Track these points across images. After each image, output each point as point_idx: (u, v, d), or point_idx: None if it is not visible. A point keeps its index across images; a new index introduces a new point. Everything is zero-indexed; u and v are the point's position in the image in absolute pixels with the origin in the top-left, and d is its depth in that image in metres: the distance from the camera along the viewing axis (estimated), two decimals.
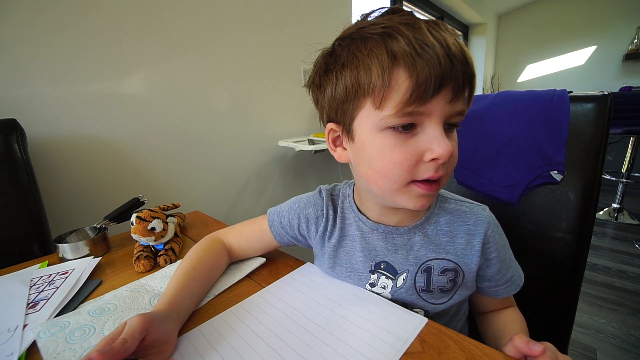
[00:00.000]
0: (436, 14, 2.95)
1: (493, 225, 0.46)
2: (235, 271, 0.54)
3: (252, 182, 1.36)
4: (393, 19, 0.34)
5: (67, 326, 0.39)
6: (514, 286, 0.48)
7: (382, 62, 0.32)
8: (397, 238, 0.46)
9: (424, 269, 0.44)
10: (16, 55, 0.75)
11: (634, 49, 3.16)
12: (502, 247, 0.47)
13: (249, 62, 1.25)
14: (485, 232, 0.44)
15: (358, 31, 0.35)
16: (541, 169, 0.60)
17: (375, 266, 0.46)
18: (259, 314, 0.42)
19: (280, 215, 0.54)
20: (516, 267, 0.49)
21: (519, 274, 0.49)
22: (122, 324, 0.32)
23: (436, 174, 0.36)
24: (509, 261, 0.48)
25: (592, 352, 1.23)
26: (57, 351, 0.35)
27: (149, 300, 0.46)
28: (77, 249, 0.61)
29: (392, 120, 0.34)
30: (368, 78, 0.34)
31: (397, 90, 0.33)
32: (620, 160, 2.53)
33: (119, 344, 0.29)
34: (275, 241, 0.55)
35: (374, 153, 0.37)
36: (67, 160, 0.85)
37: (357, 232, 0.48)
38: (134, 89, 0.96)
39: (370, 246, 0.47)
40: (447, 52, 0.31)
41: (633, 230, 2.26)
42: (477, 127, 0.68)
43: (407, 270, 0.45)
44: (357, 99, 0.36)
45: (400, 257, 0.45)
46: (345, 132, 0.40)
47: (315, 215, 0.51)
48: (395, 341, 0.36)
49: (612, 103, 0.56)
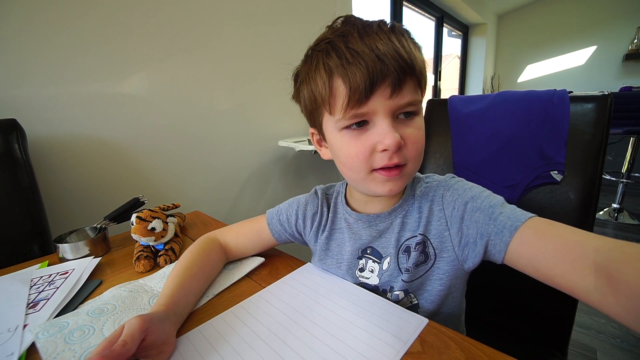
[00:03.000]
0: (436, 14, 2.95)
1: (448, 185, 0.46)
2: (235, 271, 0.54)
3: (252, 182, 1.36)
4: (337, 30, 0.40)
5: (66, 327, 0.39)
6: (515, 216, 0.38)
7: (322, 77, 0.39)
8: (380, 224, 0.48)
9: (404, 250, 0.47)
10: (16, 55, 0.75)
11: (634, 49, 3.16)
12: (472, 198, 0.42)
13: (249, 62, 1.25)
14: (442, 194, 0.46)
15: (312, 48, 0.42)
16: (541, 169, 0.60)
17: (362, 252, 0.50)
18: (259, 314, 0.42)
19: (279, 213, 0.57)
20: (513, 208, 0.40)
21: (520, 212, 0.38)
22: (120, 326, 0.33)
23: (391, 161, 0.40)
24: (498, 206, 0.40)
25: (592, 352, 1.23)
26: (57, 352, 0.35)
27: (148, 301, 0.46)
28: (77, 249, 0.61)
29: (343, 122, 0.40)
30: (317, 91, 0.40)
31: (339, 97, 0.39)
32: (620, 160, 2.53)
33: (119, 346, 0.29)
34: (273, 239, 0.57)
35: (338, 150, 0.43)
36: (67, 160, 0.85)
37: (345, 224, 0.52)
38: (134, 89, 0.96)
39: (356, 235, 0.50)
40: (377, 54, 0.35)
41: (633, 231, 2.26)
42: (477, 127, 0.68)
43: (390, 253, 0.48)
44: (317, 108, 0.43)
45: (384, 241, 0.49)
46: (321, 135, 0.47)
47: (312, 212, 0.55)
48: (395, 341, 0.36)
49: (612, 103, 0.56)
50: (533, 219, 0.37)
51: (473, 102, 0.71)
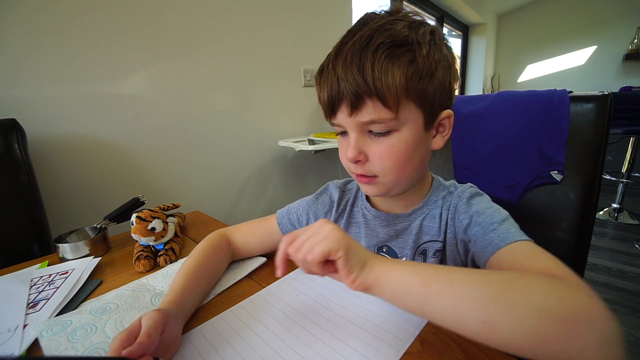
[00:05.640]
0: (436, 14, 2.95)
1: (463, 196, 0.46)
2: (236, 270, 0.54)
3: (252, 182, 1.36)
4: (345, 36, 0.41)
5: (69, 325, 0.40)
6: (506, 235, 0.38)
7: (316, 87, 0.43)
8: (398, 225, 0.49)
9: (420, 252, 0.47)
10: (16, 56, 0.75)
11: (634, 49, 3.16)
12: (477, 212, 0.43)
13: (249, 62, 1.25)
14: (457, 204, 0.46)
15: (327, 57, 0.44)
16: (541, 169, 0.60)
17: (377, 250, 0.50)
18: (260, 314, 0.42)
19: (289, 213, 0.57)
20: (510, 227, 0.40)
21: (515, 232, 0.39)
22: (138, 319, 0.33)
23: (356, 170, 0.43)
24: (496, 223, 0.40)
25: None
26: (60, 350, 0.36)
27: (150, 300, 0.46)
28: (77, 249, 0.61)
29: (333, 128, 0.44)
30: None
31: (323, 108, 0.43)
32: (620, 160, 2.53)
33: (145, 337, 0.30)
34: None
35: None
36: (67, 160, 0.85)
37: (362, 219, 0.52)
38: (134, 89, 0.96)
39: (373, 232, 0.51)
40: (338, 76, 0.38)
41: (633, 231, 2.26)
42: (477, 127, 0.68)
43: (406, 254, 0.48)
44: None
45: (401, 242, 0.49)
46: None
47: (324, 211, 0.55)
48: (395, 341, 0.36)
49: (612, 103, 0.56)
50: (518, 244, 0.36)
51: (473, 102, 0.71)
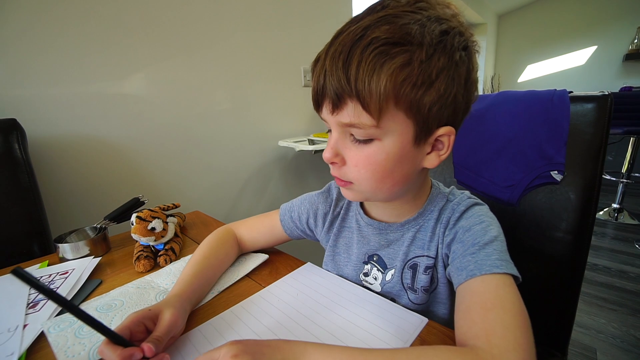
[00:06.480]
0: None
1: (459, 209, 0.43)
2: (238, 267, 0.55)
3: (252, 182, 1.36)
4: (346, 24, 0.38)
5: (76, 321, 0.41)
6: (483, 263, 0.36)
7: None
8: (390, 234, 0.48)
9: (410, 266, 0.46)
10: (16, 56, 0.75)
11: (634, 49, 3.16)
12: (463, 228, 0.41)
13: (249, 62, 1.25)
14: (449, 217, 0.43)
15: None
16: (541, 169, 0.60)
17: (368, 258, 0.50)
18: (260, 314, 0.42)
19: (291, 210, 0.58)
20: (492, 251, 0.37)
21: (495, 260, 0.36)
22: (155, 308, 0.37)
23: (332, 172, 0.41)
24: (478, 245, 0.38)
25: (592, 352, 1.23)
26: (67, 345, 0.37)
27: (155, 297, 0.47)
28: (77, 249, 0.61)
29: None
30: None
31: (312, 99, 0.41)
32: (620, 160, 2.53)
33: (164, 335, 0.34)
34: (286, 234, 0.58)
35: None
36: (67, 160, 0.85)
37: (355, 225, 0.52)
38: (134, 89, 0.96)
39: (365, 239, 0.50)
40: (325, 69, 0.35)
41: (633, 231, 2.26)
42: (477, 127, 0.68)
43: (395, 266, 0.47)
44: None
45: (391, 252, 0.48)
46: None
47: (324, 211, 0.55)
48: (395, 341, 0.36)
49: (612, 103, 0.56)
50: (490, 278, 0.34)
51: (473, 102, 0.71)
